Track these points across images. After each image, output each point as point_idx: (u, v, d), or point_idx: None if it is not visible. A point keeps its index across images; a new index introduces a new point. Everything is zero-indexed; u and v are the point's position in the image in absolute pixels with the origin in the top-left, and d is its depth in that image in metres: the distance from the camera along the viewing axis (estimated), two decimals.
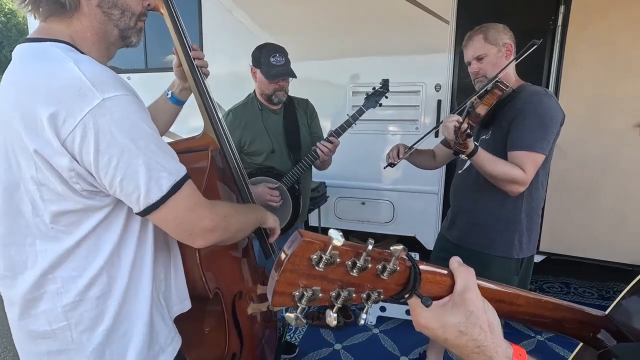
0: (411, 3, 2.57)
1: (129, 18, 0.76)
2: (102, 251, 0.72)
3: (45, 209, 0.67)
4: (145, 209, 0.68)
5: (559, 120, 1.36)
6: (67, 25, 0.71)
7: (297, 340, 2.34)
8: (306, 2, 2.81)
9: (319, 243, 0.35)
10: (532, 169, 1.32)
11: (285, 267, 0.35)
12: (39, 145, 0.62)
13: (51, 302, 0.72)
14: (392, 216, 2.90)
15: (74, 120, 0.61)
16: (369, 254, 0.37)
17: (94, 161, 0.63)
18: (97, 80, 0.62)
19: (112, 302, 0.74)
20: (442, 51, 2.57)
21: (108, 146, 0.62)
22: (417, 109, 2.70)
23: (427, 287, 0.42)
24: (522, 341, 2.26)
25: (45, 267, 0.70)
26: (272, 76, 1.70)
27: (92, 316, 0.73)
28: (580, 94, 2.40)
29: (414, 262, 0.41)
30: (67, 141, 0.61)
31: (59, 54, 0.66)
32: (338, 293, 0.37)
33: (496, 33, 1.41)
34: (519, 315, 0.49)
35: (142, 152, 0.65)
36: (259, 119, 1.80)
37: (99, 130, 0.61)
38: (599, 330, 0.54)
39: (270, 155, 1.79)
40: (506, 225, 1.45)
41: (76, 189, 0.66)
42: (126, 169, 0.64)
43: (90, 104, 0.61)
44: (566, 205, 2.54)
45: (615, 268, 2.54)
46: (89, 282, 0.72)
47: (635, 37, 2.24)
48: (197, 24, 3.06)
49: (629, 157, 2.36)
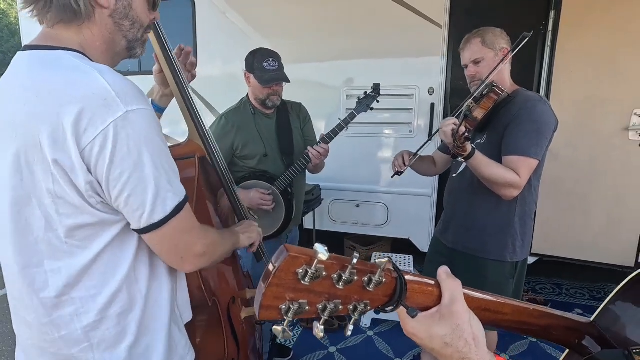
0: (405, 7, 2.58)
1: (138, 30, 0.76)
2: (121, 266, 0.70)
3: (60, 223, 0.65)
4: (146, 228, 0.67)
5: (553, 127, 1.38)
6: (77, 32, 0.70)
7: (291, 344, 2.34)
8: (300, 5, 2.82)
9: (304, 257, 0.36)
10: (526, 173, 1.34)
11: (271, 282, 0.35)
12: (60, 155, 0.60)
13: (70, 326, 0.69)
14: (386, 219, 2.91)
15: (96, 130, 0.60)
16: (354, 267, 0.37)
17: (106, 172, 0.62)
18: (121, 91, 0.62)
19: (133, 317, 0.73)
20: (435, 55, 2.60)
21: (122, 159, 0.62)
22: (411, 112, 2.72)
23: (414, 297, 0.43)
24: (515, 342, 2.28)
25: (59, 288, 0.67)
26: (266, 81, 1.70)
27: (114, 334, 0.71)
28: (571, 98, 2.44)
29: (400, 273, 0.41)
30: (85, 150, 0.60)
31: (76, 62, 0.64)
32: (325, 306, 0.38)
33: (493, 37, 1.43)
34: (505, 324, 0.49)
35: (155, 169, 0.65)
36: (252, 123, 1.80)
37: (118, 142, 0.61)
38: (584, 337, 0.55)
39: (263, 159, 1.79)
40: (500, 229, 1.46)
41: (91, 202, 0.64)
42: (135, 185, 0.63)
43: (114, 115, 0.60)
44: (557, 208, 2.57)
45: (605, 269, 2.57)
46: (109, 299, 0.70)
47: (621, 42, 2.27)
48: (192, 26, 3.05)
49: (617, 159, 2.40)
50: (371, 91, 1.80)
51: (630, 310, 0.59)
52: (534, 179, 1.43)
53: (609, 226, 2.48)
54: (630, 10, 2.24)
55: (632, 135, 2.34)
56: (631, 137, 2.35)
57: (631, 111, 2.32)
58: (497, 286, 1.48)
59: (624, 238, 2.46)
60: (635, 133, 2.33)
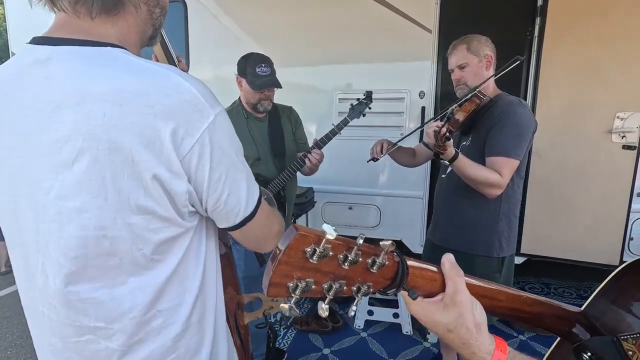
0: (396, 13, 2.63)
1: (163, 17, 0.72)
2: (196, 273, 0.69)
3: (149, 240, 0.61)
4: (242, 221, 0.67)
5: (532, 129, 1.47)
6: (113, 24, 0.62)
7: (285, 346, 2.33)
8: (292, 9, 2.85)
9: (313, 237, 0.37)
10: (508, 173, 1.41)
11: (280, 259, 0.36)
12: (159, 169, 0.56)
13: (159, 339, 0.67)
14: (378, 220, 2.94)
15: (192, 138, 0.57)
16: (359, 248, 0.39)
17: (208, 179, 0.60)
18: (206, 95, 0.60)
19: (208, 321, 0.73)
20: (426, 59, 2.65)
21: (219, 162, 0.61)
22: (402, 116, 2.76)
23: (415, 282, 0.44)
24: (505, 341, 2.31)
25: (146, 304, 0.64)
26: (258, 86, 1.73)
27: (196, 340, 0.71)
28: (557, 102, 2.51)
29: (401, 257, 0.43)
30: (184, 160, 0.58)
31: (143, 63, 0.59)
32: (330, 285, 0.39)
33: (478, 44, 1.51)
34: (500, 310, 0.52)
35: (244, 165, 0.67)
36: (245, 127, 1.82)
37: (214, 146, 0.60)
38: (574, 325, 0.57)
39: (256, 163, 1.82)
40: (486, 227, 1.53)
41: (182, 212, 0.62)
42: (232, 184, 0.64)
43: (206, 121, 0.58)
44: (545, 209, 2.63)
45: (591, 268, 2.64)
46: (191, 307, 0.69)
47: (604, 49, 2.36)
48: (184, 29, 3.05)
49: (603, 161, 2.47)
50: (363, 98, 1.88)
51: (618, 300, 0.61)
52: (516, 178, 1.51)
53: (594, 226, 2.55)
54: (612, 18, 2.33)
55: (615, 138, 2.42)
56: (614, 140, 2.43)
57: (614, 115, 2.40)
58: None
59: (608, 238, 2.53)
60: (618, 136, 2.41)
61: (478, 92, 1.43)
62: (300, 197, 2.67)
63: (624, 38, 2.32)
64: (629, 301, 0.60)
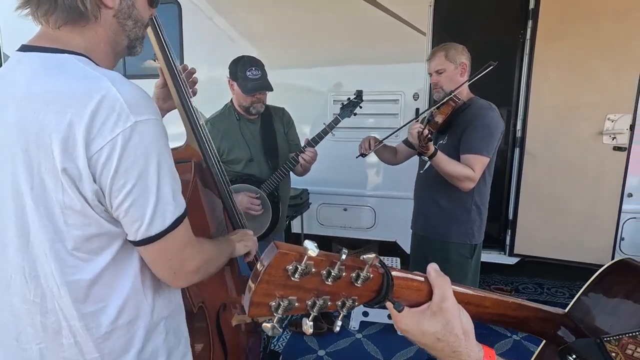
0: (390, 15, 2.65)
1: (139, 28, 0.75)
2: (127, 276, 0.70)
3: (68, 234, 0.64)
4: (142, 240, 0.66)
5: (501, 130, 1.64)
6: (80, 34, 0.67)
7: (280, 348, 2.33)
8: (287, 11, 2.85)
9: (294, 254, 0.36)
10: (479, 169, 1.59)
11: (261, 279, 0.36)
12: (69, 164, 0.60)
13: (82, 336, 0.68)
14: (373, 222, 2.95)
15: (104, 140, 0.59)
16: (342, 263, 0.38)
17: (110, 182, 0.61)
18: (132, 101, 0.61)
19: (140, 324, 0.73)
20: (420, 61, 2.66)
21: (127, 170, 0.61)
22: (396, 117, 2.77)
23: (401, 293, 0.44)
24: (499, 341, 2.33)
25: (69, 302, 0.66)
26: (249, 90, 1.74)
27: (123, 342, 0.71)
28: (548, 104, 2.53)
29: (386, 269, 0.43)
30: (92, 159, 0.60)
31: (85, 68, 0.63)
32: (314, 302, 0.39)
33: (455, 53, 1.67)
34: (486, 316, 0.52)
35: (159, 181, 0.64)
36: (237, 129, 1.83)
37: (125, 152, 0.60)
38: (559, 327, 0.58)
39: (248, 164, 1.83)
40: (460, 216, 1.70)
41: (97, 211, 0.64)
42: (138, 196, 0.63)
43: (123, 125, 0.60)
44: (537, 210, 2.65)
45: (584, 268, 2.67)
46: (118, 309, 0.69)
47: (594, 51, 2.39)
48: (178, 31, 3.04)
49: (594, 162, 2.50)
50: (354, 97, 1.90)
51: (601, 301, 0.62)
52: (487, 173, 1.68)
53: (586, 226, 2.58)
54: (603, 21, 2.36)
55: (606, 139, 2.45)
56: (605, 141, 2.46)
57: (604, 116, 2.43)
58: (458, 266, 1.73)
59: (600, 238, 2.56)
60: (609, 137, 2.44)
61: (454, 96, 1.59)
62: (295, 198, 2.67)
63: (614, 40, 2.35)
64: (611, 301, 0.61)
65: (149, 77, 3.53)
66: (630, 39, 2.32)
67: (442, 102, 1.62)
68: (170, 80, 1.03)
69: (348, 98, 1.91)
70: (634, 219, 2.56)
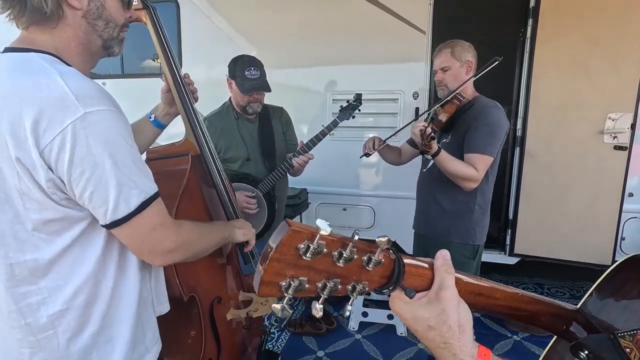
0: (390, 14, 2.64)
1: (112, 29, 0.77)
2: (88, 259, 0.73)
3: (27, 217, 0.67)
4: (111, 223, 0.69)
5: (505, 129, 1.61)
6: (51, 35, 0.72)
7: (279, 349, 2.31)
8: (286, 10, 2.84)
9: (306, 232, 0.35)
10: (483, 168, 1.56)
11: (272, 257, 0.35)
12: (22, 154, 0.63)
13: (37, 314, 0.72)
14: (373, 221, 2.93)
15: (54, 132, 0.62)
16: (355, 244, 0.37)
17: (67, 172, 0.64)
18: (81, 93, 0.64)
19: (97, 308, 0.75)
20: (419, 60, 2.65)
21: (82, 159, 0.64)
22: (396, 117, 2.76)
23: (410, 280, 0.43)
24: (499, 341, 2.31)
25: (23, 277, 0.70)
26: (246, 90, 1.73)
27: (78, 322, 0.74)
28: (548, 103, 2.52)
29: (398, 255, 0.42)
30: (45, 151, 0.63)
31: (43, 65, 0.67)
32: (324, 284, 0.37)
33: (462, 50, 1.63)
34: (497, 309, 0.50)
35: (117, 168, 0.67)
36: (235, 127, 1.83)
37: (76, 142, 0.63)
38: (571, 323, 0.57)
39: (245, 163, 1.82)
40: (462, 216, 1.67)
41: (54, 199, 0.67)
42: (97, 182, 0.66)
43: (72, 117, 0.62)
44: (538, 209, 2.64)
45: (584, 268, 2.65)
46: (75, 290, 0.72)
47: (595, 50, 2.38)
48: (176, 30, 3.02)
49: (593, 162, 2.49)
50: (353, 100, 1.91)
51: (614, 297, 0.61)
52: (490, 173, 1.65)
53: (586, 226, 2.56)
54: (603, 19, 2.35)
55: (607, 139, 2.44)
56: (605, 140, 2.45)
57: (605, 115, 2.42)
58: (460, 266, 1.62)
59: (600, 237, 2.55)
60: (609, 136, 2.44)
61: (458, 94, 1.57)
62: (294, 198, 2.65)
63: (615, 39, 2.34)
64: (624, 298, 0.59)
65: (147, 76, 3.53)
66: (631, 38, 2.32)
67: (446, 100, 1.59)
68: (170, 78, 1.04)
69: (347, 101, 1.92)
70: (634, 218, 2.56)
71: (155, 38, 1.02)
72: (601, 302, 0.61)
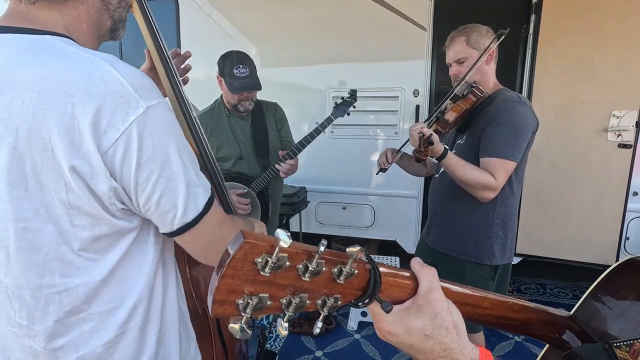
0: (390, 10, 2.60)
1: (123, 8, 0.70)
2: (139, 275, 0.65)
3: (75, 236, 0.58)
4: (180, 228, 0.61)
5: (532, 128, 1.35)
6: (60, 12, 0.61)
7: (277, 349, 2.30)
8: (286, 7, 2.81)
9: (263, 245, 0.32)
10: (503, 175, 1.31)
11: (225, 273, 0.31)
12: (77, 161, 0.53)
13: (89, 344, 0.63)
14: (373, 221, 2.91)
15: (117, 131, 0.53)
16: (321, 256, 0.34)
17: (134, 176, 0.56)
18: (139, 85, 0.56)
19: (152, 327, 0.68)
20: (420, 57, 2.62)
21: (149, 160, 0.56)
22: (396, 114, 2.73)
23: (388, 291, 0.40)
24: (500, 342, 2.29)
25: (74, 306, 0.61)
26: (235, 89, 1.69)
27: (135, 347, 0.67)
28: (551, 100, 2.48)
29: (374, 264, 0.38)
30: (107, 154, 0.54)
31: (75, 50, 0.56)
32: (289, 300, 0.34)
33: (479, 36, 1.38)
34: (485, 318, 0.48)
35: (183, 165, 0.60)
36: (227, 125, 1.80)
37: (143, 142, 0.55)
38: (564, 331, 0.54)
39: (238, 162, 1.79)
40: (479, 231, 1.43)
41: (111, 210, 0.58)
42: (166, 185, 0.58)
43: (135, 113, 0.54)
44: (540, 208, 2.60)
45: (588, 268, 2.62)
46: (129, 312, 0.65)
47: (598, 47, 2.33)
48: (175, 28, 3.01)
49: (596, 160, 2.45)
50: (348, 96, 1.84)
51: (609, 303, 0.58)
52: (514, 180, 1.41)
53: (590, 226, 2.52)
54: (606, 16, 2.30)
55: (611, 137, 2.40)
56: (609, 138, 2.40)
57: (609, 113, 2.38)
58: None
59: (604, 237, 2.51)
60: (614, 134, 2.39)
61: (475, 88, 1.33)
62: (293, 196, 2.63)
63: (619, 36, 2.29)
64: (619, 304, 0.57)
65: None
66: (635, 34, 2.27)
67: (463, 94, 1.35)
68: (161, 67, 0.99)
69: (342, 97, 1.87)
70: (639, 218, 2.51)
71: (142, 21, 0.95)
72: (595, 309, 0.58)
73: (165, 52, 0.97)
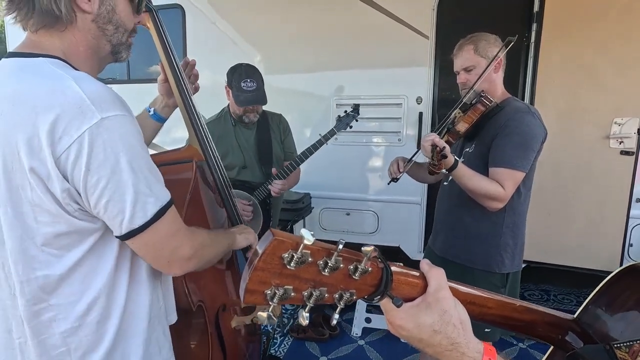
0: (393, 19, 2.65)
1: (122, 34, 0.76)
2: (100, 274, 0.70)
3: (38, 232, 0.65)
4: (127, 234, 0.67)
5: (540, 138, 1.37)
6: (60, 39, 0.70)
7: (282, 354, 2.30)
8: (291, 15, 2.86)
9: (290, 242, 0.36)
10: (511, 186, 1.33)
11: (257, 266, 0.35)
12: (36, 163, 0.61)
13: (49, 330, 0.70)
14: (376, 227, 2.92)
15: (70, 138, 0.60)
16: (340, 254, 0.38)
17: (83, 180, 0.62)
18: (97, 98, 0.62)
19: (111, 324, 0.73)
20: (423, 65, 2.65)
21: (99, 166, 0.62)
22: (400, 121, 2.75)
23: (399, 289, 0.43)
24: (505, 349, 2.28)
25: (37, 297, 0.68)
26: (241, 102, 1.75)
27: (91, 340, 0.72)
28: (554, 107, 2.50)
29: (386, 263, 0.42)
30: (61, 159, 0.61)
31: (54, 70, 0.65)
32: (310, 293, 0.38)
33: (487, 45, 1.40)
34: (490, 317, 0.50)
35: (134, 175, 0.65)
36: (232, 134, 1.85)
37: (93, 149, 0.61)
38: (567, 333, 0.56)
39: (242, 171, 1.85)
40: (487, 239, 1.44)
41: (68, 210, 0.65)
42: (114, 191, 0.64)
43: (88, 123, 0.61)
44: (544, 215, 2.61)
45: (591, 275, 2.61)
46: (88, 306, 0.70)
47: (600, 54, 2.36)
48: (181, 36, 3.06)
49: (599, 167, 2.46)
50: (351, 110, 1.91)
51: (611, 306, 0.60)
52: (523, 189, 1.42)
53: (593, 232, 2.53)
54: (608, 23, 2.33)
55: (613, 144, 2.41)
56: (612, 145, 2.42)
57: (611, 120, 2.39)
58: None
59: (607, 244, 2.51)
60: (616, 141, 2.41)
61: (484, 98, 1.35)
62: (297, 202, 2.66)
63: (620, 43, 2.32)
64: (621, 308, 0.58)
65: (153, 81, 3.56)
66: (637, 41, 2.29)
67: (471, 103, 1.37)
68: (172, 78, 1.04)
69: (345, 111, 1.93)
70: None
71: (156, 36, 1.01)
72: (598, 312, 0.60)
73: (177, 66, 1.04)
